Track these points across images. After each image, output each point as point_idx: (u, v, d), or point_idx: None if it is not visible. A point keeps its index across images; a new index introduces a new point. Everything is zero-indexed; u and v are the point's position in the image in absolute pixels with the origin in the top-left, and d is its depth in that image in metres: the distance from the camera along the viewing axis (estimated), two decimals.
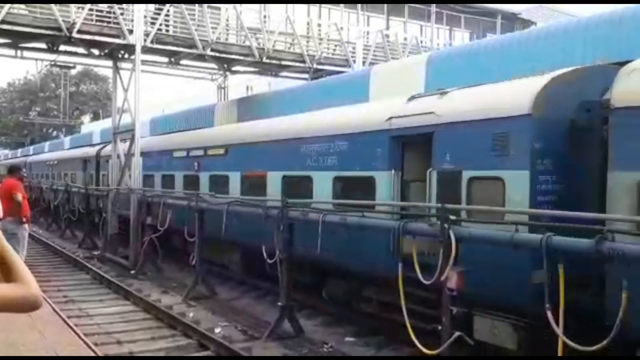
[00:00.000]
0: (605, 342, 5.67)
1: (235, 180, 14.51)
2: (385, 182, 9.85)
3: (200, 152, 16.52)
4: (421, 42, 24.60)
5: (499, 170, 7.99)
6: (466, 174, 8.40)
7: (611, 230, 6.05)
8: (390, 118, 9.89)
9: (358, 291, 10.89)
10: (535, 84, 7.97)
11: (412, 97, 10.10)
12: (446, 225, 7.26)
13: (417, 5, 25.87)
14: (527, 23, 28.57)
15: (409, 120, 9.57)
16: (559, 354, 6.27)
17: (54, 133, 68.59)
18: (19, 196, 11.52)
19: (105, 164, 23.60)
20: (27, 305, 2.11)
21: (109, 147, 23.56)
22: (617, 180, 6.59)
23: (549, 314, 6.11)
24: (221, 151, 15.37)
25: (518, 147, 7.74)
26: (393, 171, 9.74)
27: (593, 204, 6.96)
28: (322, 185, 11.27)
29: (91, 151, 27.26)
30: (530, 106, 7.64)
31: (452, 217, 7.36)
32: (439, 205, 7.59)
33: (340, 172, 10.94)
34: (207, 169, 16.02)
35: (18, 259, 2.16)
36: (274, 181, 12.88)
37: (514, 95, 8.22)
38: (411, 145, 9.86)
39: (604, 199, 6.68)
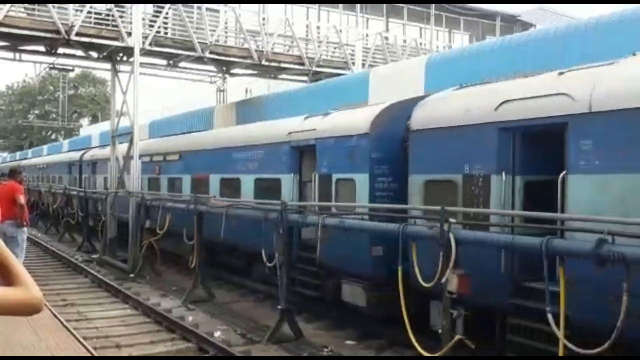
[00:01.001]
0: (606, 345, 5.65)
1: (187, 182, 17.05)
2: (288, 183, 12.45)
3: (161, 158, 19.23)
4: (420, 44, 24.59)
5: (352, 173, 10.71)
6: (334, 177, 11.10)
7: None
8: (290, 132, 12.59)
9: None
10: (372, 111, 10.79)
11: (307, 117, 12.67)
12: (446, 228, 7.26)
13: (416, 8, 25.89)
14: (526, 25, 28.59)
15: (302, 134, 12.26)
16: (560, 353, 6.25)
17: (53, 136, 68.55)
18: (22, 199, 11.49)
19: (87, 167, 27.11)
20: (28, 308, 2.10)
21: (90, 152, 28.39)
22: (412, 181, 9.32)
23: (550, 317, 6.09)
24: (176, 157, 17.79)
25: (361, 157, 10.44)
26: (293, 174, 12.46)
27: None
28: (248, 185, 13.99)
29: (75, 156, 30.04)
30: (368, 127, 10.41)
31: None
32: (439, 207, 7.57)
33: (259, 175, 13.66)
34: (165, 172, 18.77)
35: (17, 262, 2.14)
36: (214, 182, 15.53)
37: (361, 119, 10.85)
38: (305, 154, 12.39)
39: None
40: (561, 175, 7.01)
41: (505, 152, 8.02)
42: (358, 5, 24.47)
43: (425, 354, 7.56)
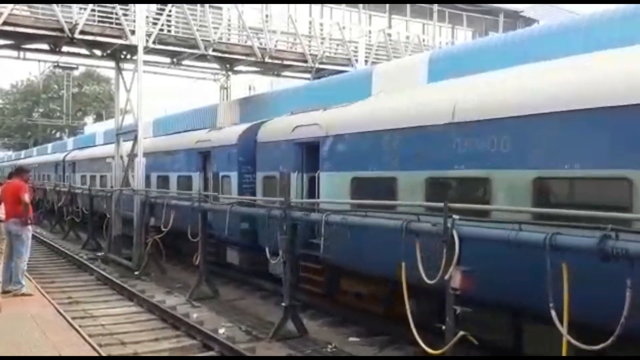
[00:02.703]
0: (609, 341, 5.64)
1: (153, 179, 20.70)
2: (197, 179, 17.42)
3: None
4: (423, 40, 24.54)
5: (229, 172, 15.61)
6: (220, 174, 16.10)
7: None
8: (197, 142, 17.68)
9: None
10: (240, 128, 15.98)
11: (211, 129, 17.96)
12: (449, 225, 7.25)
13: (419, 4, 25.82)
14: (529, 21, 28.52)
15: (203, 143, 17.37)
16: (563, 353, 6.24)
17: (57, 134, 68.68)
18: (26, 197, 11.51)
19: (68, 167, 31.99)
20: None
21: (71, 154, 33.14)
22: (258, 176, 14.56)
23: (553, 313, 6.09)
24: (150, 158, 20.24)
25: (233, 160, 15.39)
26: (199, 172, 17.30)
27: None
28: (173, 181, 19.24)
29: (60, 157, 34.75)
30: (236, 139, 15.49)
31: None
32: (442, 204, 7.57)
33: (179, 173, 18.72)
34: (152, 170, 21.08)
35: None
36: (153, 179, 20.48)
37: (233, 134, 15.99)
38: (206, 158, 17.06)
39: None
40: (317, 172, 11.84)
41: (297, 159, 12.75)
42: (361, 3, 24.43)
43: (429, 350, 7.56)
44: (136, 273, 17.26)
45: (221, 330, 10.95)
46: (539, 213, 7.33)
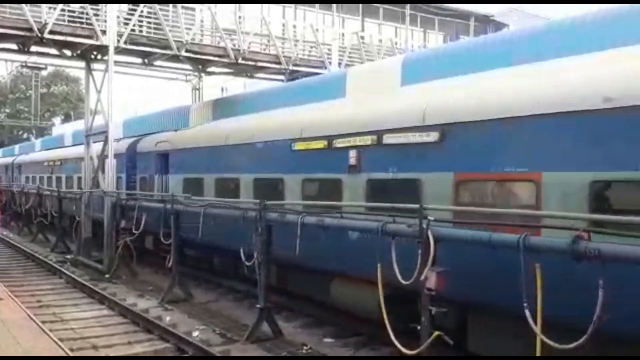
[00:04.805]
0: (582, 339, 5.74)
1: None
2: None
3: None
4: (396, 43, 24.71)
5: (120, 173, 19.47)
6: (116, 175, 18.94)
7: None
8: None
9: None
10: (128, 141, 20.48)
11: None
12: (424, 226, 7.31)
13: (391, 7, 25.99)
14: (500, 25, 28.93)
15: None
16: (537, 353, 6.33)
17: (25, 135, 67.38)
18: None
19: (16, 169, 36.26)
20: None
21: (18, 158, 37.49)
22: (138, 177, 19.30)
23: (527, 313, 6.17)
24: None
25: (122, 165, 19.68)
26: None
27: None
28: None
29: (10, 160, 38.86)
30: (125, 149, 19.92)
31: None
32: (417, 205, 7.63)
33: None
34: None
35: None
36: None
37: (125, 144, 20.31)
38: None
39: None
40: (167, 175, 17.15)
41: (157, 165, 17.61)
42: (334, 5, 24.50)
43: (404, 350, 7.61)
44: (107, 276, 17.03)
45: (195, 333, 10.86)
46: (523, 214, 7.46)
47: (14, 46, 19.08)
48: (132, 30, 18.12)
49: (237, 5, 20.83)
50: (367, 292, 9.25)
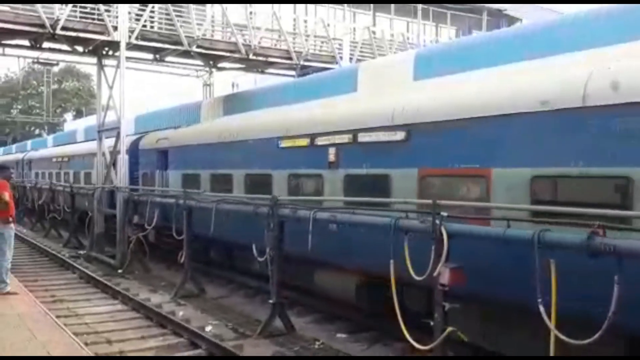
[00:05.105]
0: (596, 335, 5.71)
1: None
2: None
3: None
4: (408, 38, 24.60)
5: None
6: (142, 172, 20.02)
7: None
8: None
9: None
10: (131, 139, 20.26)
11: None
12: (438, 222, 7.30)
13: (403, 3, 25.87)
14: (513, 20, 28.74)
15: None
16: (551, 347, 6.31)
17: (37, 131, 67.82)
18: (6, 196, 11.35)
19: (25, 165, 37.31)
20: None
21: (28, 154, 38.64)
22: (140, 172, 19.98)
23: (541, 308, 6.15)
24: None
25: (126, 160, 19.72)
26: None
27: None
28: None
29: (20, 156, 40.29)
30: (127, 146, 19.38)
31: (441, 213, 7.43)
32: (430, 201, 7.62)
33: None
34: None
35: None
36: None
37: (128, 141, 19.59)
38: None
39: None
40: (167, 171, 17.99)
41: (158, 161, 18.42)
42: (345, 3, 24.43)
43: (417, 345, 7.60)
44: (119, 271, 17.14)
45: (208, 328, 10.92)
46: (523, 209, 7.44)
47: (26, 42, 19.17)
48: (144, 26, 18.15)
49: (248, 3, 20.74)
50: (343, 279, 10.66)
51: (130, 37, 17.75)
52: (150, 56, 20.58)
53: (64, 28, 17.02)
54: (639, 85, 6.45)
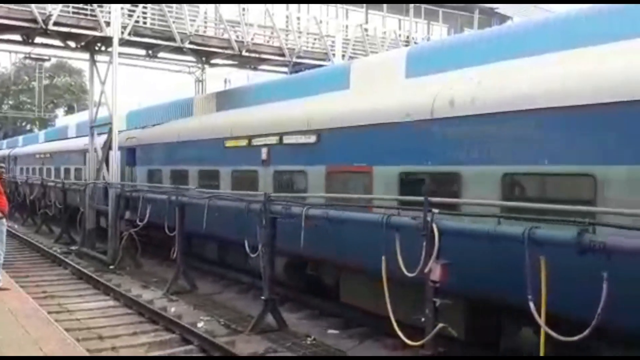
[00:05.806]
0: (586, 332, 5.77)
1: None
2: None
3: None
4: (399, 36, 24.63)
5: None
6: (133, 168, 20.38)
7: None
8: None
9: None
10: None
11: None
12: (429, 219, 7.35)
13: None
14: (504, 18, 28.82)
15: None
16: (541, 345, 6.37)
17: (28, 127, 67.45)
18: None
19: (12, 161, 38.10)
20: None
21: (15, 150, 40.23)
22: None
23: (532, 305, 6.21)
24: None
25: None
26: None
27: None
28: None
29: (7, 152, 41.10)
30: (103, 143, 19.59)
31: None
32: (422, 198, 7.66)
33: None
34: None
35: None
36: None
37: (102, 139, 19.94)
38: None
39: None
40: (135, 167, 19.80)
41: (128, 157, 19.88)
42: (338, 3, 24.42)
43: (408, 342, 7.66)
44: (111, 267, 17.13)
45: (200, 324, 10.95)
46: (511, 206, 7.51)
47: (18, 37, 19.09)
48: (136, 22, 18.11)
49: (242, 4, 20.69)
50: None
51: (122, 32, 17.70)
52: (142, 52, 20.52)
53: (56, 23, 16.97)
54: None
